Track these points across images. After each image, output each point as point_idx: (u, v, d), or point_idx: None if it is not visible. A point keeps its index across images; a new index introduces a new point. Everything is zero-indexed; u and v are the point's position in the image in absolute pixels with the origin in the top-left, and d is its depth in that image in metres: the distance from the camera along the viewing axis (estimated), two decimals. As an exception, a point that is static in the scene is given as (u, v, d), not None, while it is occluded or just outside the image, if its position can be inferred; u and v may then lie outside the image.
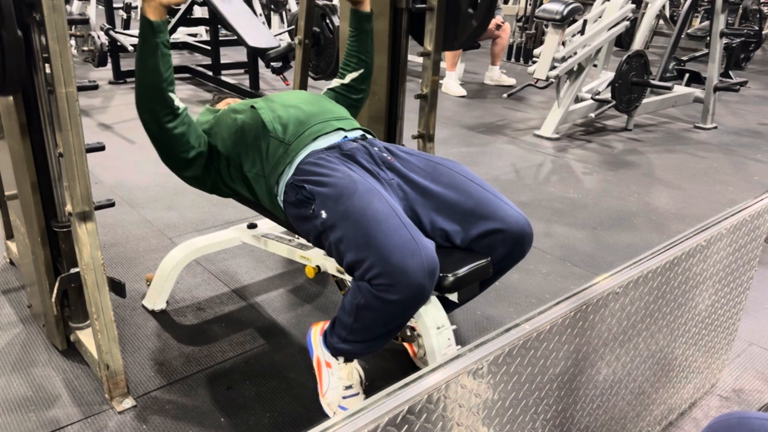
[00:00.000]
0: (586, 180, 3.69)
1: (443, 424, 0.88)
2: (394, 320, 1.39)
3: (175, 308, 2.14)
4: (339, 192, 1.44)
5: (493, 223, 1.50)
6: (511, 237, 1.51)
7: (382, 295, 1.31)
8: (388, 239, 1.32)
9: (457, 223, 1.52)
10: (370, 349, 1.51)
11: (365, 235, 1.34)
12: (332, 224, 1.42)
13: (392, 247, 1.30)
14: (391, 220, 1.36)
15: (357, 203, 1.40)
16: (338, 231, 1.40)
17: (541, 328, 1.00)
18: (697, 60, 5.92)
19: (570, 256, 2.67)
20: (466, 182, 1.57)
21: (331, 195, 1.45)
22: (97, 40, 4.47)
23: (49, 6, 1.33)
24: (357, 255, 1.35)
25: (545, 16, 4.28)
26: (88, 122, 4.23)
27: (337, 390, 1.56)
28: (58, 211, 1.70)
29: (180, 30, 6.11)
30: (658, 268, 1.24)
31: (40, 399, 1.68)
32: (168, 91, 1.55)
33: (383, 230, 1.33)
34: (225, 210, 2.91)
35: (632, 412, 1.42)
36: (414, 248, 1.31)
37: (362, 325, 1.41)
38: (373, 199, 1.41)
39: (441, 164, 1.62)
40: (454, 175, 1.59)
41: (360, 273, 1.35)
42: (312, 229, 1.51)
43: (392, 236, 1.32)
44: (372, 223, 1.35)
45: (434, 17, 2.30)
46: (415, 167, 1.61)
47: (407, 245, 1.31)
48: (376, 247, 1.32)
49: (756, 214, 1.53)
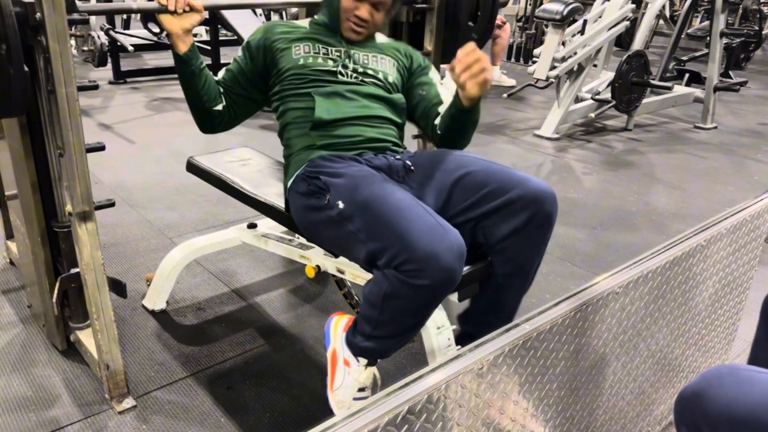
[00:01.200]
0: (586, 180, 3.69)
1: (443, 424, 0.88)
2: (423, 308, 1.36)
3: (175, 308, 2.14)
4: (356, 183, 1.43)
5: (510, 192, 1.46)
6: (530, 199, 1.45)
7: (411, 281, 1.28)
8: (413, 225, 1.29)
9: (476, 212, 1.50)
10: (397, 344, 1.45)
11: (389, 223, 1.32)
12: (350, 214, 1.40)
13: (419, 233, 1.28)
14: (415, 207, 1.34)
15: (377, 192, 1.39)
16: (357, 220, 1.38)
17: (541, 328, 1.00)
18: (697, 60, 5.93)
19: (570, 256, 2.66)
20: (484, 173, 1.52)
21: (348, 185, 1.44)
22: (97, 40, 4.48)
23: (49, 6, 1.33)
24: (381, 243, 1.32)
25: (545, 16, 4.29)
26: (88, 122, 4.23)
27: (350, 391, 1.50)
28: (58, 211, 1.70)
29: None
30: (658, 268, 1.23)
31: (40, 399, 1.68)
32: (213, 108, 1.72)
33: (407, 216, 1.31)
34: (225, 210, 2.91)
35: (632, 412, 1.42)
36: (441, 232, 1.29)
37: (390, 316, 1.36)
38: (393, 189, 1.40)
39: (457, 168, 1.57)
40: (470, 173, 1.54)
41: (385, 261, 1.31)
42: (323, 222, 1.49)
43: (417, 222, 1.30)
44: (394, 211, 1.33)
45: (434, 17, 2.30)
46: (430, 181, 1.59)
47: (435, 230, 1.29)
48: (401, 233, 1.29)
49: (756, 214, 1.53)
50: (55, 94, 1.41)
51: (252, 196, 1.82)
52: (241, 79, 1.74)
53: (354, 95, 1.67)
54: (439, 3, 2.27)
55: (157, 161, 3.59)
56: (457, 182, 1.53)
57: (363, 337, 1.43)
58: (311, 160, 1.58)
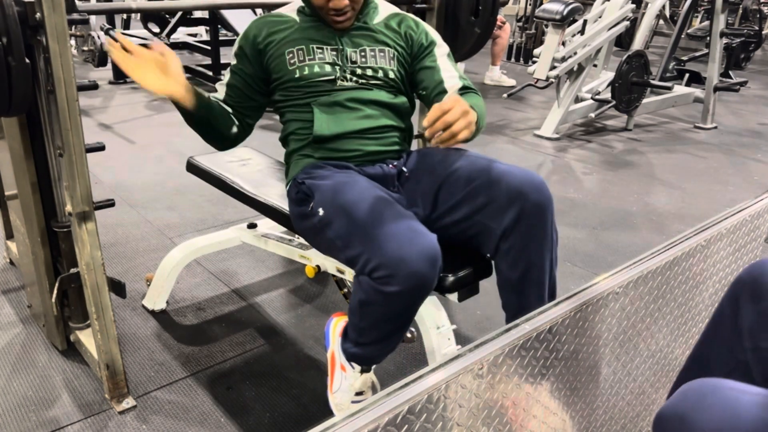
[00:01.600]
0: (586, 180, 3.69)
1: (443, 424, 0.88)
2: (399, 315, 1.33)
3: (175, 308, 2.14)
4: (336, 189, 1.41)
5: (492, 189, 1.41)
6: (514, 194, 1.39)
7: (382, 287, 1.25)
8: (384, 229, 1.27)
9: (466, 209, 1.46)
10: (384, 349, 1.43)
11: (361, 228, 1.30)
12: (328, 221, 1.39)
13: (388, 237, 1.25)
14: (388, 211, 1.32)
15: (351, 198, 1.36)
16: (334, 227, 1.37)
17: (541, 328, 1.00)
18: (697, 60, 5.92)
19: (570, 256, 2.66)
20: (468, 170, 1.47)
21: (328, 192, 1.42)
22: (97, 40, 4.47)
23: (49, 6, 1.33)
24: (354, 249, 1.31)
25: (545, 16, 4.28)
26: (88, 122, 4.23)
27: (348, 395, 1.50)
28: (58, 211, 1.70)
29: (180, 30, 6.11)
30: (658, 268, 1.23)
31: (40, 399, 1.68)
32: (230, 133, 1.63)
33: (379, 221, 1.29)
34: (225, 210, 2.91)
35: (632, 412, 1.42)
36: (411, 236, 1.26)
37: (369, 323, 1.35)
38: (369, 193, 1.37)
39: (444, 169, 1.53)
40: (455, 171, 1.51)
41: (359, 267, 1.30)
42: (310, 228, 1.50)
43: (388, 226, 1.27)
44: (367, 216, 1.31)
45: (434, 16, 2.30)
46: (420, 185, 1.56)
47: (404, 234, 1.26)
48: (372, 238, 1.27)
49: (756, 214, 1.53)
50: (54, 94, 1.41)
51: (252, 197, 1.82)
52: (247, 92, 1.64)
53: (356, 104, 1.59)
54: (439, 3, 2.27)
55: (157, 161, 3.59)
56: (443, 183, 1.50)
57: (351, 344, 1.43)
58: (303, 168, 1.58)
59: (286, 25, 1.63)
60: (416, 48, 1.66)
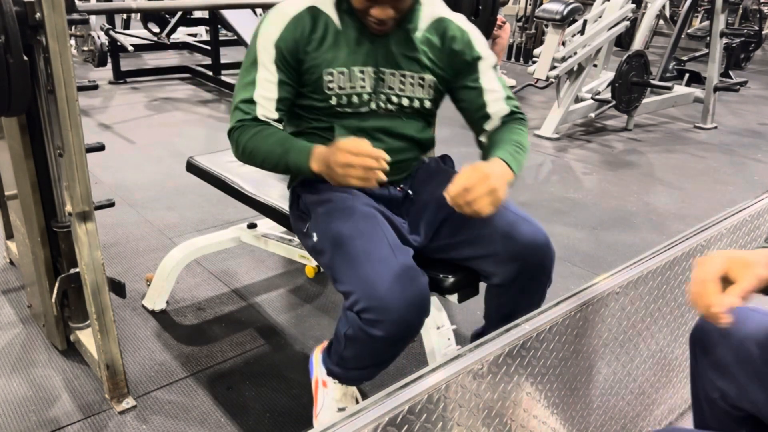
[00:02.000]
0: (586, 180, 3.69)
1: (443, 425, 0.88)
2: (382, 354, 1.35)
3: (175, 308, 2.14)
4: (331, 215, 1.38)
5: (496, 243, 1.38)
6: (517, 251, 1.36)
7: (368, 329, 1.24)
8: (376, 272, 1.24)
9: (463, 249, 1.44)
10: (364, 377, 1.44)
11: (353, 266, 1.27)
12: (321, 248, 1.37)
13: (379, 279, 1.23)
14: (381, 248, 1.29)
15: (345, 231, 1.32)
16: (327, 257, 1.35)
17: (541, 328, 1.00)
18: (697, 60, 5.92)
19: (570, 256, 2.66)
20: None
21: (324, 217, 1.39)
22: (97, 40, 4.47)
23: (48, 6, 1.33)
24: (345, 286, 1.29)
25: (545, 16, 4.29)
26: (88, 122, 4.22)
27: (331, 411, 1.50)
28: (58, 211, 1.70)
29: (180, 30, 6.11)
30: (658, 268, 1.24)
31: (40, 399, 1.68)
32: None
33: (372, 261, 1.26)
34: (225, 210, 2.91)
35: (632, 412, 1.42)
36: (403, 281, 1.24)
37: (351, 354, 1.35)
38: (364, 226, 1.33)
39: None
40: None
41: (348, 304, 1.28)
42: (307, 247, 1.49)
43: (381, 269, 1.25)
44: (360, 254, 1.27)
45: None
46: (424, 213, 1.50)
47: (396, 277, 1.24)
48: (362, 277, 1.25)
49: (756, 214, 1.53)
50: (54, 94, 1.40)
51: (252, 197, 1.82)
52: (293, 98, 1.46)
53: (382, 135, 1.48)
54: (439, 3, 2.27)
55: (157, 161, 3.59)
56: (448, 218, 1.44)
57: (333, 362, 1.44)
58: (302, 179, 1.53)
59: (325, 30, 1.42)
60: (459, 64, 1.50)
